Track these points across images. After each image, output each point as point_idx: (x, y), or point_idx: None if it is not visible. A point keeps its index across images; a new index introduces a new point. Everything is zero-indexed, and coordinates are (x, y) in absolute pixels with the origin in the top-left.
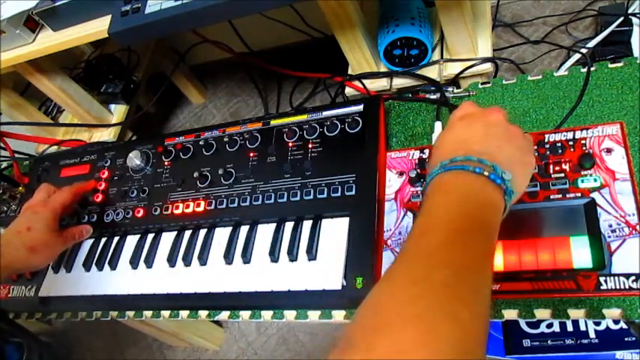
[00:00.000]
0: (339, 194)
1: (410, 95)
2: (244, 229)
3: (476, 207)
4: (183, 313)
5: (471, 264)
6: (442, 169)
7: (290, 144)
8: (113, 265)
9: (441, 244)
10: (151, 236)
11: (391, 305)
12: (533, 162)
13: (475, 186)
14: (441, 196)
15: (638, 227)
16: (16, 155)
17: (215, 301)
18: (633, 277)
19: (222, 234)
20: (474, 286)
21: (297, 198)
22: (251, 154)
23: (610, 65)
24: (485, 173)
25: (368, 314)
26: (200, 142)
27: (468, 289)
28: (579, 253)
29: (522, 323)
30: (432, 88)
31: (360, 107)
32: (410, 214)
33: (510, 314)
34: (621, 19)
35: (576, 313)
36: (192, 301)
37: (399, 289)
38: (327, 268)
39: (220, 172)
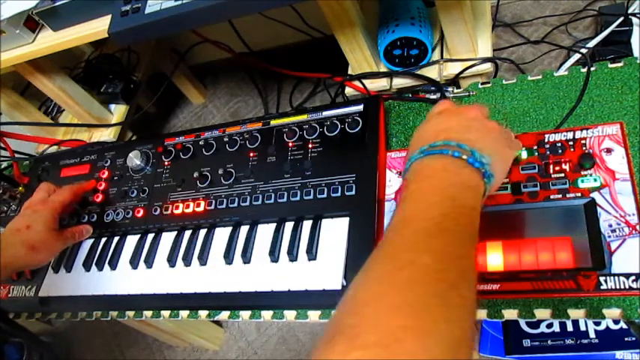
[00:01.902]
0: (339, 194)
1: (410, 95)
2: (244, 229)
3: (456, 190)
4: (183, 313)
5: (456, 248)
6: (421, 154)
7: (290, 144)
8: (113, 265)
9: (424, 230)
10: (150, 236)
11: (378, 292)
12: (510, 156)
13: (454, 169)
14: (422, 181)
15: (638, 227)
16: (16, 155)
17: (215, 301)
18: (633, 277)
19: (222, 234)
20: (461, 269)
21: (297, 198)
22: (251, 154)
23: (610, 65)
24: (464, 157)
25: (354, 303)
26: (200, 142)
27: (455, 273)
28: (579, 253)
29: (522, 323)
30: (432, 88)
31: (360, 107)
32: None
33: (510, 314)
34: (621, 19)
35: (576, 313)
36: (192, 301)
37: (385, 275)
38: (327, 268)
39: (220, 172)
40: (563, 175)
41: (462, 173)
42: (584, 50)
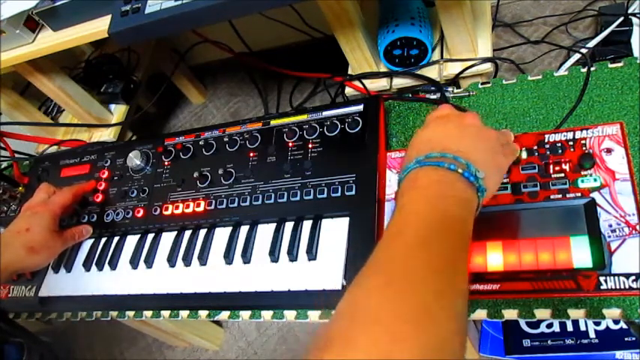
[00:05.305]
0: (339, 194)
1: (410, 95)
2: (244, 229)
3: (450, 203)
4: (183, 313)
5: (445, 261)
6: (417, 164)
7: (290, 144)
8: (113, 265)
9: (416, 243)
10: (150, 236)
11: (368, 303)
12: (505, 165)
13: (449, 182)
14: (416, 192)
15: (638, 227)
16: (16, 155)
17: (215, 301)
18: (633, 277)
19: (222, 234)
20: (449, 281)
21: (297, 198)
22: (251, 154)
23: (610, 65)
24: (460, 170)
25: (346, 313)
26: (200, 142)
27: (443, 285)
28: (579, 253)
29: (522, 323)
30: (432, 88)
31: (360, 107)
32: None
33: (510, 314)
34: (621, 19)
35: (576, 313)
36: (192, 301)
37: (375, 288)
38: (327, 268)
39: (220, 172)
40: (563, 175)
41: (456, 187)
42: (584, 50)
